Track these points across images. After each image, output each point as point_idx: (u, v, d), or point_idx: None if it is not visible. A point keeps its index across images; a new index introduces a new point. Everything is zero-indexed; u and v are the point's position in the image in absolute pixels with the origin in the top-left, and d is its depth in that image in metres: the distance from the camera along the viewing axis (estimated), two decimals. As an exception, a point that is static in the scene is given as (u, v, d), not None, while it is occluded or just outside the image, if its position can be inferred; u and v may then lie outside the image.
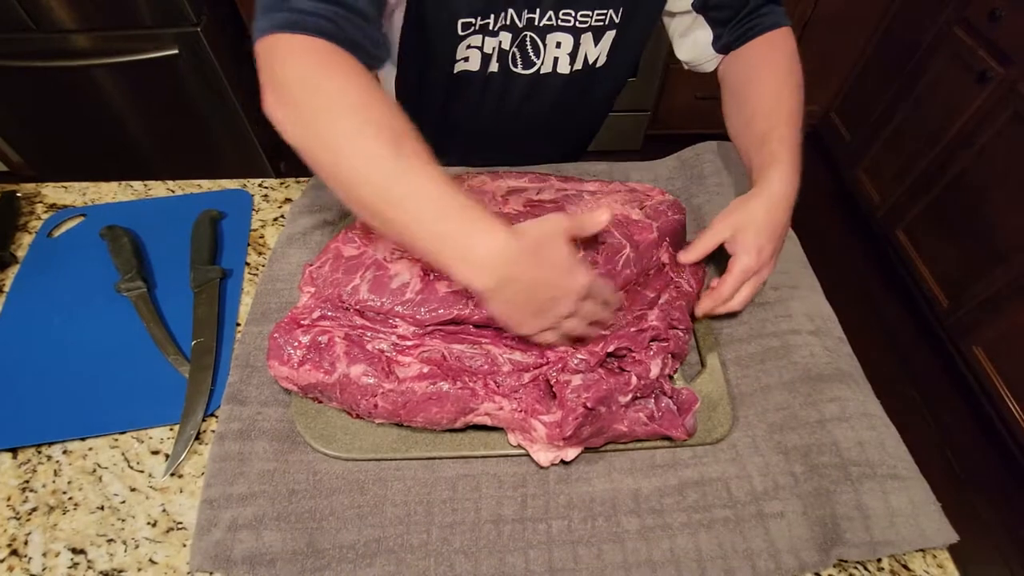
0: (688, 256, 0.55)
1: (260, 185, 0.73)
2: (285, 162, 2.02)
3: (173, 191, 0.73)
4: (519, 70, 0.65)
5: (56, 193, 0.72)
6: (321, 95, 0.41)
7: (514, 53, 0.62)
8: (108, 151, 1.74)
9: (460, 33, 0.58)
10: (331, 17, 0.43)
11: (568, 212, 0.56)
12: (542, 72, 0.65)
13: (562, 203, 0.57)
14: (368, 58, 0.45)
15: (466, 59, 0.62)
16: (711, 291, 0.54)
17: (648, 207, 0.59)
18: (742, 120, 0.60)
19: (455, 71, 0.63)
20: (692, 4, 0.63)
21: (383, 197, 0.39)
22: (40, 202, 0.71)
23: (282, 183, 0.73)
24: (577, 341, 0.48)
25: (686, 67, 0.71)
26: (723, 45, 0.65)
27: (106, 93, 1.56)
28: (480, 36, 0.60)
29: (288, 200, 0.71)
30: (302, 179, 0.73)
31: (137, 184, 0.73)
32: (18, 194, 0.70)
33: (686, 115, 2.01)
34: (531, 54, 0.63)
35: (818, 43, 1.80)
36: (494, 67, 0.64)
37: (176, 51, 1.46)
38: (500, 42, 0.61)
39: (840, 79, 1.93)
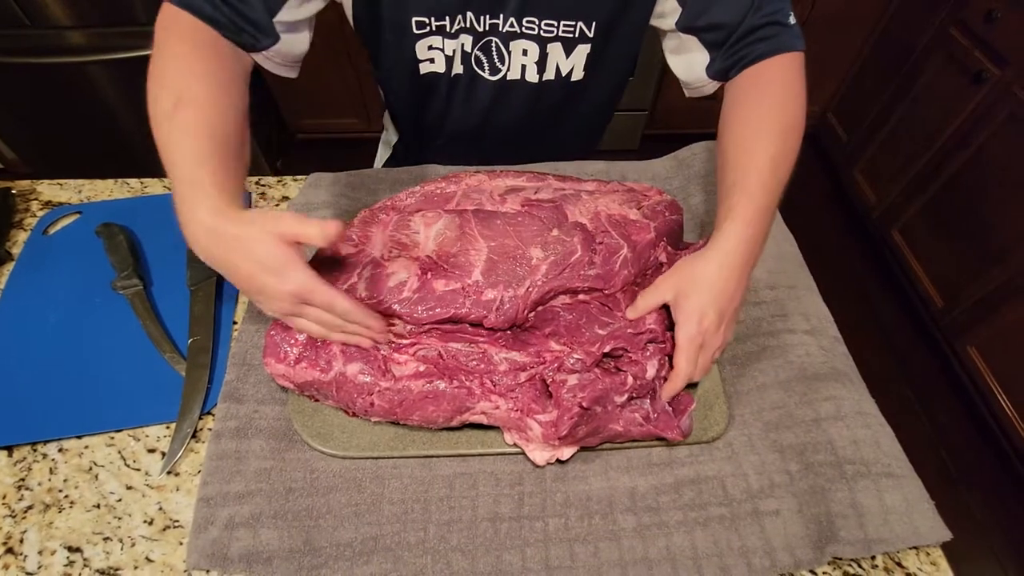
0: (631, 313, 0.50)
1: (257, 183, 0.73)
2: (282, 160, 2.02)
3: (170, 188, 0.72)
4: (486, 75, 0.65)
5: (52, 190, 0.72)
6: (155, 57, 0.48)
7: (478, 57, 0.62)
8: (104, 149, 1.73)
9: (415, 31, 0.59)
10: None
11: (566, 211, 0.56)
12: (509, 78, 0.65)
13: (560, 202, 0.57)
14: (248, 37, 0.52)
15: (431, 60, 0.63)
16: (673, 374, 0.48)
17: (646, 207, 0.59)
18: (720, 163, 0.54)
19: (421, 72, 0.64)
20: (676, 24, 0.58)
21: (159, 147, 0.44)
22: (35, 199, 0.71)
23: (279, 181, 0.73)
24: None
25: (685, 90, 0.65)
26: (717, 71, 0.59)
27: (102, 90, 1.55)
28: (439, 38, 0.60)
29: (285, 198, 0.71)
30: (299, 177, 0.73)
31: (133, 181, 0.73)
32: (13, 191, 0.70)
33: (683, 115, 2.01)
34: (496, 60, 0.63)
35: (815, 44, 1.79)
36: (459, 69, 0.64)
37: (172, 48, 1.46)
38: (462, 44, 0.61)
39: (837, 80, 1.93)
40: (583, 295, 0.53)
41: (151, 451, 0.50)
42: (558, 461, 0.48)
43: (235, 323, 0.59)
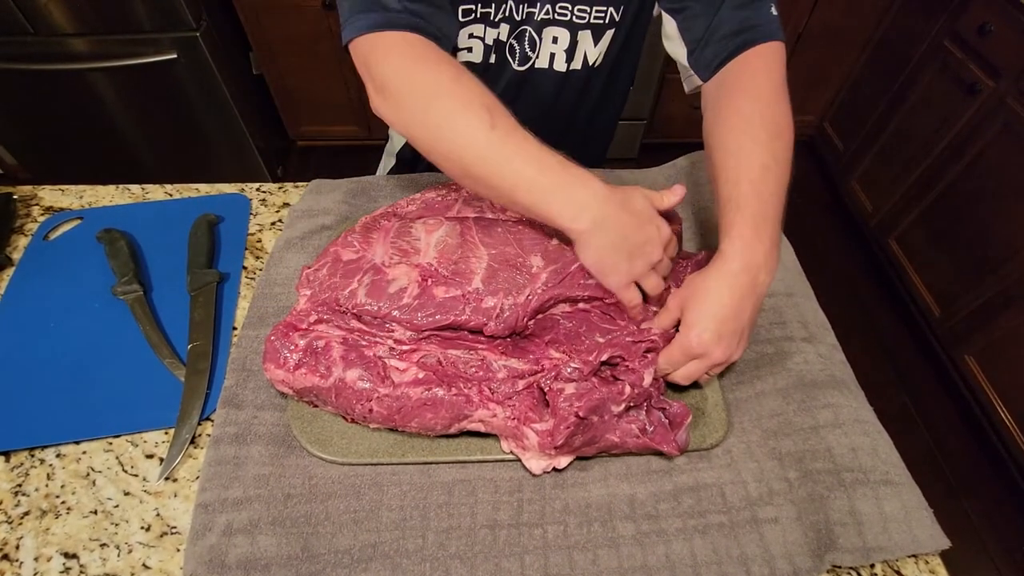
0: (657, 326, 0.50)
1: (258, 189, 0.73)
2: (282, 167, 2.03)
3: (171, 195, 0.73)
4: (514, 65, 0.65)
5: (53, 196, 0.72)
6: (418, 83, 0.46)
7: (511, 45, 0.63)
8: (105, 155, 1.74)
9: (461, 19, 0.59)
10: (417, 12, 0.48)
11: None
12: (537, 67, 0.65)
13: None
14: (448, 45, 0.51)
15: (469, 50, 0.63)
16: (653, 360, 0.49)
17: (644, 214, 0.60)
18: (711, 174, 0.53)
19: (458, 60, 0.64)
20: (661, 4, 0.60)
21: (486, 164, 0.45)
22: (37, 204, 0.71)
23: (280, 187, 0.73)
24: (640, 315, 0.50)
25: (684, 83, 0.63)
26: (696, 60, 0.57)
27: (104, 97, 1.56)
28: (482, 26, 0.60)
29: (286, 205, 0.71)
30: (300, 184, 0.73)
31: (135, 187, 0.73)
32: (15, 196, 0.70)
33: (682, 124, 2.03)
34: (527, 48, 0.63)
35: (812, 54, 1.83)
36: (492, 59, 0.64)
37: (175, 56, 1.47)
38: (499, 33, 0.61)
39: (834, 90, 1.95)
40: (583, 303, 0.54)
41: (149, 457, 0.50)
42: (555, 470, 0.48)
43: (235, 329, 0.59)
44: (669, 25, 0.61)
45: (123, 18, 1.40)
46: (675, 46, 0.61)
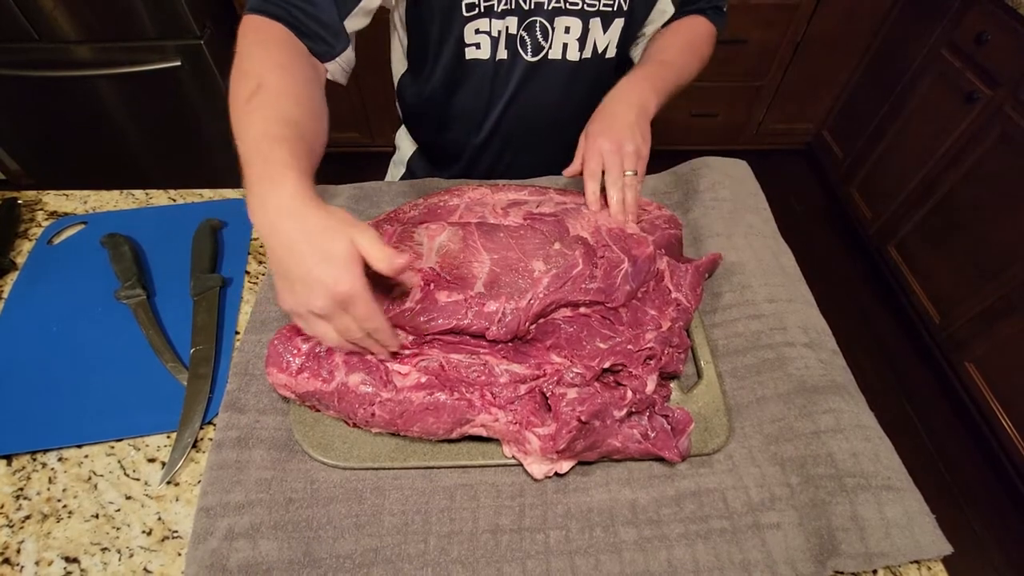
0: (569, 170, 0.61)
1: (261, 195, 0.73)
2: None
3: (174, 200, 0.73)
4: (528, 56, 0.66)
5: (57, 200, 0.72)
6: (239, 54, 0.51)
7: (522, 37, 0.64)
8: (109, 161, 1.74)
9: (465, 14, 0.60)
10: (285, 3, 0.53)
11: (568, 225, 0.57)
12: (550, 58, 0.66)
13: (561, 216, 0.58)
14: (323, 44, 0.56)
15: (476, 45, 0.64)
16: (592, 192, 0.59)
17: (645, 221, 0.60)
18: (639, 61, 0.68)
19: (466, 57, 0.65)
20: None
21: (233, 130, 0.47)
22: (41, 209, 0.71)
23: (283, 193, 0.74)
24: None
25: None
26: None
27: (108, 104, 1.57)
28: (487, 19, 0.61)
29: (289, 210, 0.72)
30: (303, 189, 0.73)
31: (138, 192, 0.74)
32: (19, 201, 0.71)
33: (682, 131, 2.04)
34: (540, 38, 0.64)
35: (811, 62, 1.84)
36: (503, 54, 0.65)
37: (179, 63, 1.48)
38: (507, 26, 0.62)
39: (832, 97, 1.97)
40: (584, 308, 0.54)
41: (151, 461, 0.50)
42: (557, 475, 0.48)
43: (237, 333, 0.59)
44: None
45: (128, 25, 1.41)
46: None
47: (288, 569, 0.43)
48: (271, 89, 0.47)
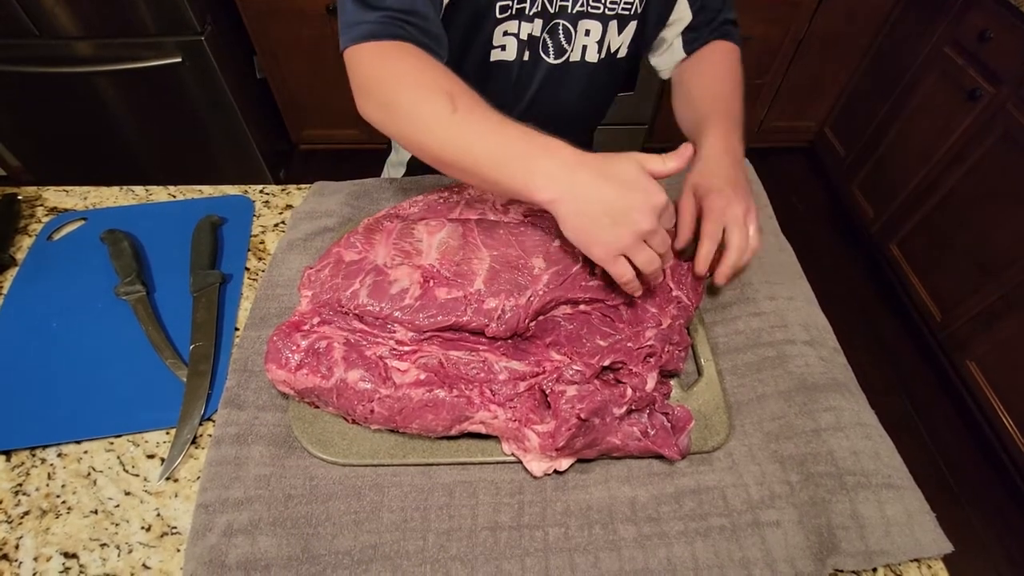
0: (700, 265, 0.53)
1: (261, 191, 0.73)
2: (285, 170, 2.03)
3: (174, 196, 0.73)
4: (550, 59, 0.66)
5: (57, 196, 0.72)
6: (389, 81, 0.49)
7: (544, 40, 0.64)
8: (109, 158, 1.74)
9: (497, 16, 0.60)
10: (399, 22, 0.51)
11: None
12: (571, 60, 0.67)
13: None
14: (439, 50, 0.54)
15: (503, 47, 0.64)
16: (700, 249, 0.53)
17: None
18: (686, 107, 0.66)
19: (491, 59, 0.65)
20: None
21: (452, 146, 0.46)
22: (41, 205, 0.71)
23: (283, 190, 0.74)
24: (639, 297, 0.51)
25: (655, 71, 0.76)
26: (686, 45, 0.71)
27: (108, 100, 1.57)
28: (516, 22, 0.61)
29: (289, 206, 0.72)
30: (303, 186, 0.73)
31: (138, 189, 0.74)
32: (19, 197, 0.71)
33: (683, 129, 2.04)
34: (563, 41, 0.64)
35: (813, 60, 1.84)
36: (526, 56, 0.65)
37: (179, 59, 1.48)
38: (533, 29, 0.62)
39: (834, 95, 1.96)
40: (584, 305, 0.54)
41: (150, 457, 0.50)
42: (556, 472, 0.47)
43: (237, 330, 0.59)
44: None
45: (128, 21, 1.40)
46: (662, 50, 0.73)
47: (287, 565, 0.43)
48: (462, 94, 0.48)
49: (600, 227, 0.44)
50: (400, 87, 0.48)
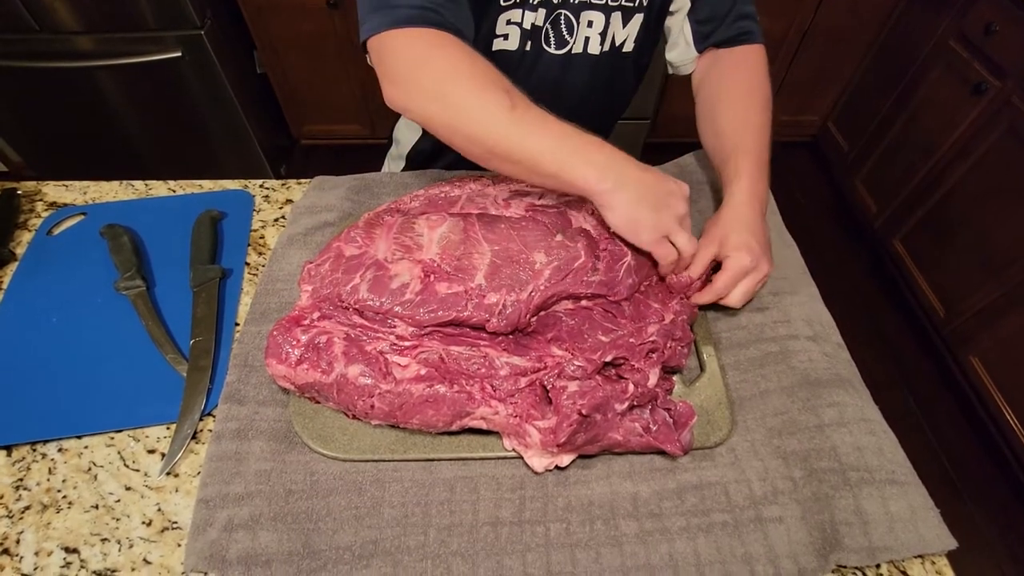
0: (702, 298, 0.55)
1: (261, 186, 0.73)
2: (285, 165, 2.03)
3: (174, 191, 0.73)
4: (551, 50, 0.65)
5: (57, 191, 0.72)
6: (434, 69, 0.48)
7: (547, 31, 0.63)
8: (109, 152, 1.74)
9: (502, 4, 0.59)
10: (429, 7, 0.49)
11: (571, 217, 0.56)
12: (573, 52, 0.66)
13: (564, 208, 0.58)
14: (464, 39, 0.52)
15: (505, 36, 0.63)
16: (710, 286, 0.55)
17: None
18: (712, 134, 0.64)
19: (493, 49, 0.64)
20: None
21: (509, 141, 0.47)
22: (40, 200, 0.71)
23: (283, 184, 0.73)
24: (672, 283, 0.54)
25: (670, 70, 0.75)
26: (700, 40, 0.69)
27: (109, 95, 1.57)
28: (520, 11, 0.61)
29: (289, 201, 0.71)
30: (303, 180, 0.73)
31: (138, 184, 0.73)
32: (19, 191, 0.70)
33: (685, 123, 2.00)
34: (564, 32, 0.64)
35: (816, 54, 1.82)
36: (528, 46, 0.65)
37: (179, 54, 1.47)
38: (536, 19, 0.62)
39: (838, 89, 1.94)
40: (586, 301, 0.53)
41: (151, 452, 0.50)
42: (557, 468, 0.47)
43: (237, 325, 0.59)
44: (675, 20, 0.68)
45: (128, 16, 1.40)
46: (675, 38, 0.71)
47: (287, 560, 0.43)
48: (513, 88, 0.49)
49: (647, 211, 0.49)
50: (455, 79, 0.48)
